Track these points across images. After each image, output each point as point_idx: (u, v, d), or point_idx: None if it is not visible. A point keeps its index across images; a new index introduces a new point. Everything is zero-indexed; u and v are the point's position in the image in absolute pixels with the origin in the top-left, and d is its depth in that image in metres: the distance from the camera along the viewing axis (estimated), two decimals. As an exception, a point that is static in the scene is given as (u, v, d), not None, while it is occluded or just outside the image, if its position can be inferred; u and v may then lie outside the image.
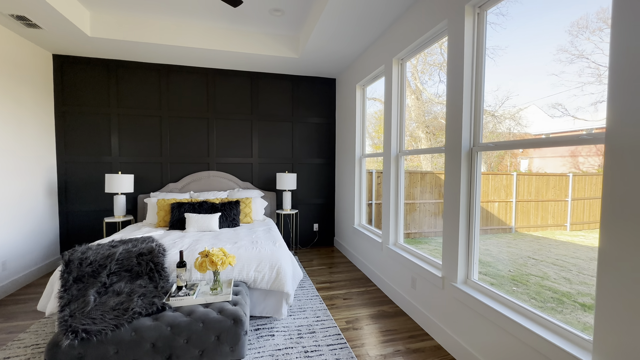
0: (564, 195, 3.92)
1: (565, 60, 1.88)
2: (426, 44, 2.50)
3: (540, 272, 3.80)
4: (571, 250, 3.89)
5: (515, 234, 4.85)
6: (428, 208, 5.89)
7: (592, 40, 1.70)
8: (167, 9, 3.07)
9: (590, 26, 1.69)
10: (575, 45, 1.80)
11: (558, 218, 4.14)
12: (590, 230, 3.79)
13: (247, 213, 3.66)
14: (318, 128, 4.60)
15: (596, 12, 1.65)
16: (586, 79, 1.79)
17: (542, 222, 4.44)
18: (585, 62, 1.77)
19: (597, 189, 3.67)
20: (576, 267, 3.66)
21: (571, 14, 1.78)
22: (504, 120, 3.38)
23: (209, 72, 4.12)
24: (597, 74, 1.74)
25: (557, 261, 3.85)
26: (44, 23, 2.88)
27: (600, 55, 1.68)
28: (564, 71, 1.91)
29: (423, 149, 2.98)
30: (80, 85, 3.75)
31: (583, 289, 3.29)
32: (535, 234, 4.62)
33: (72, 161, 3.77)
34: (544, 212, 4.41)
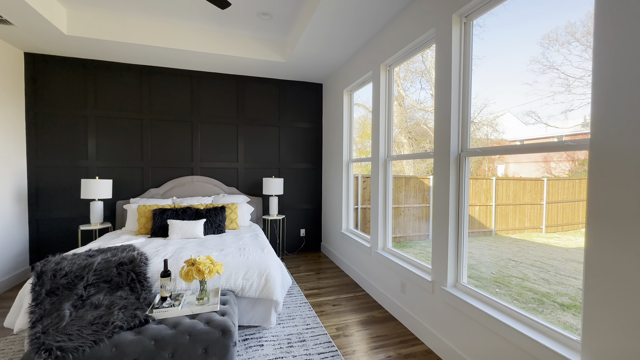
0: (540, 198, 4.10)
1: (537, 71, 1.97)
2: (414, 51, 2.55)
3: (521, 273, 3.92)
4: (548, 252, 4.05)
5: (495, 237, 5.01)
6: (412, 212, 5.99)
7: (562, 53, 1.79)
8: (151, 8, 2.98)
9: (560, 39, 1.78)
10: (547, 56, 1.89)
11: (534, 221, 4.32)
12: (564, 232, 3.97)
13: (233, 219, 3.57)
14: (305, 133, 4.58)
15: (564, 27, 1.74)
16: (557, 89, 1.89)
17: (520, 224, 4.62)
18: (555, 72, 1.87)
19: (569, 192, 3.87)
20: (553, 268, 3.81)
21: (542, 27, 1.88)
22: (482, 126, 3.51)
23: (193, 75, 4.02)
24: (567, 84, 1.84)
25: (536, 262, 3.99)
26: (16, 19, 2.71)
27: (569, 67, 1.77)
28: (537, 81, 2.01)
29: (412, 154, 3.02)
30: (54, 85, 3.56)
31: (561, 289, 3.42)
32: (514, 236, 4.79)
33: (45, 165, 3.55)
34: (522, 215, 4.59)
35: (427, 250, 5.47)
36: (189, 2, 2.85)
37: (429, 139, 5.86)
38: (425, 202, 6.05)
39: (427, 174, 6.25)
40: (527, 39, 2.05)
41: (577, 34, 1.72)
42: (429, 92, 4.84)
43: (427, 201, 6.05)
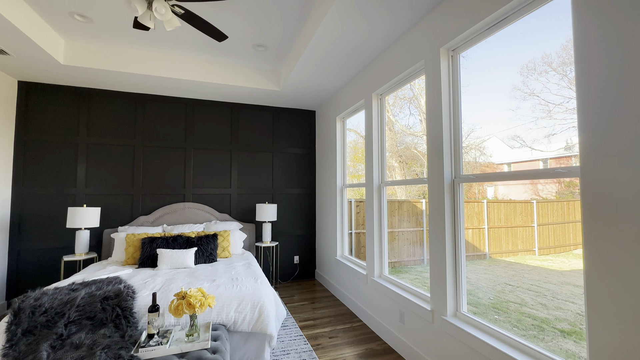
0: (530, 221, 4.14)
1: (519, 98, 2.07)
2: (405, 80, 2.65)
3: (518, 298, 3.87)
4: (543, 275, 4.03)
5: (490, 260, 4.98)
6: (406, 236, 5.95)
7: (540, 81, 1.89)
8: (148, 39, 3.06)
9: (538, 68, 1.89)
10: (527, 84, 2.00)
11: (527, 243, 4.33)
12: (557, 254, 3.98)
13: (225, 247, 3.48)
14: (298, 158, 4.61)
15: (541, 57, 1.85)
16: (538, 114, 1.97)
17: (513, 247, 4.62)
18: (536, 99, 1.96)
19: (558, 214, 3.92)
20: (550, 292, 3.77)
21: (521, 57, 1.99)
22: (470, 150, 3.62)
23: (188, 102, 4.07)
24: (548, 110, 1.92)
25: (532, 287, 3.95)
26: (14, 50, 2.74)
27: (549, 94, 1.87)
28: (519, 107, 2.10)
29: (407, 179, 3.05)
30: (47, 113, 3.54)
31: (559, 314, 3.37)
32: (508, 259, 4.77)
33: (30, 193, 3.44)
34: (514, 237, 4.60)
35: (423, 275, 5.38)
36: (186, 34, 2.95)
37: (419, 163, 5.97)
38: (419, 225, 6.04)
39: (419, 197, 6.30)
40: (508, 68, 2.17)
41: (553, 64, 1.83)
42: (418, 117, 5.00)
43: (421, 225, 6.04)
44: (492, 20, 1.76)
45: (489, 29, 1.83)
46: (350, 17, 2.25)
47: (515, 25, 1.74)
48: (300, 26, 2.79)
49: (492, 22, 1.77)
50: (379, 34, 2.50)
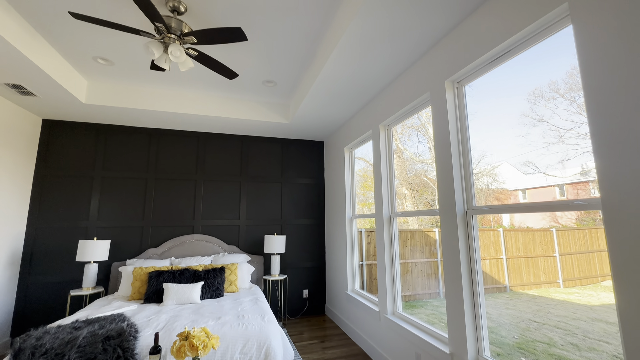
0: (551, 250, 3.92)
1: (528, 124, 2.04)
2: (411, 112, 2.67)
3: (545, 337, 3.56)
4: (570, 311, 3.73)
5: (511, 294, 4.68)
6: (420, 268, 5.71)
7: (549, 107, 1.87)
8: (163, 78, 3.23)
9: (545, 95, 1.88)
10: (535, 111, 1.98)
11: (549, 274, 4.07)
12: (583, 286, 3.71)
13: (232, 281, 3.39)
14: (307, 189, 4.60)
15: (547, 84, 1.85)
16: (550, 140, 1.93)
17: (535, 279, 4.34)
18: (546, 125, 1.93)
19: (581, 242, 3.71)
20: (580, 330, 3.47)
21: (527, 85, 1.99)
22: (482, 176, 3.54)
23: (200, 136, 4.20)
24: (559, 136, 1.88)
25: (560, 324, 3.65)
26: (40, 91, 2.93)
27: (558, 120, 1.84)
28: (529, 133, 2.06)
29: (417, 210, 2.97)
30: (66, 148, 3.70)
31: (594, 356, 3.07)
32: (531, 292, 4.47)
33: (44, 227, 3.50)
34: (535, 268, 4.34)
35: (439, 310, 5.08)
36: (199, 72, 3.10)
37: (430, 190, 5.87)
38: (432, 256, 5.81)
39: (431, 226, 6.12)
40: (515, 95, 2.17)
41: (560, 91, 1.82)
42: (426, 145, 4.99)
43: (435, 255, 5.81)
44: (495, 53, 1.78)
45: (492, 62, 1.85)
46: (354, 54, 2.33)
47: (519, 55, 1.76)
48: (308, 63, 2.91)
49: (495, 55, 1.80)
50: (383, 69, 2.57)
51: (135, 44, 2.58)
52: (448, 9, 1.87)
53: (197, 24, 2.29)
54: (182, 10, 2.10)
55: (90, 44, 2.59)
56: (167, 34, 1.99)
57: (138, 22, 2.29)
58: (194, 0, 2.06)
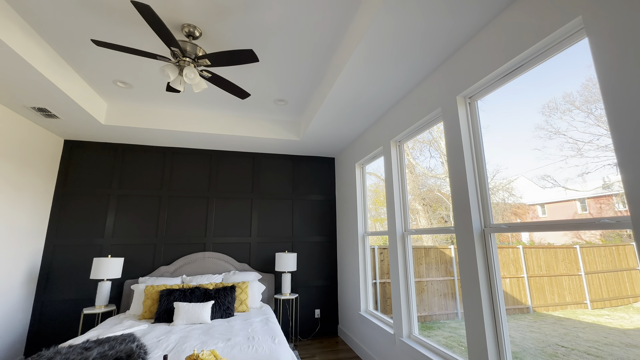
0: (576, 268, 3.70)
1: (544, 137, 1.98)
2: (422, 128, 2.65)
3: (576, 364, 3.31)
4: (601, 335, 3.47)
5: (534, 315, 4.41)
6: (436, 287, 5.49)
7: (565, 120, 1.82)
8: (178, 100, 3.34)
9: (560, 107, 1.83)
10: (550, 123, 1.92)
11: (575, 294, 3.82)
12: (613, 307, 3.46)
13: (242, 300, 3.34)
14: (318, 205, 4.58)
15: (562, 96, 1.80)
16: (567, 153, 1.86)
17: (560, 299, 4.09)
18: (562, 137, 1.86)
19: (608, 260, 3.49)
20: (613, 357, 3.22)
21: (541, 97, 1.95)
22: (497, 191, 3.43)
23: (213, 154, 4.28)
24: (577, 148, 1.81)
25: (590, 349, 3.40)
26: (63, 114, 3.07)
27: (575, 132, 1.78)
28: (546, 146, 2.00)
29: (432, 228, 2.89)
30: (85, 167, 3.82)
31: (631, 387, 2.82)
32: (556, 314, 4.20)
33: (61, 244, 3.58)
34: (559, 288, 4.10)
35: (458, 332, 4.84)
36: (212, 93, 3.19)
37: (444, 205, 5.72)
38: (449, 275, 5.59)
39: (447, 242, 5.93)
40: (528, 108, 2.12)
41: (576, 102, 1.77)
42: (439, 159, 4.92)
43: (451, 274, 5.59)
44: (507, 68, 1.76)
45: (505, 77, 1.83)
46: (363, 73, 2.35)
47: (532, 69, 1.73)
48: (318, 82, 2.96)
49: (507, 70, 1.78)
50: (393, 86, 2.58)
51: (152, 67, 2.69)
52: (457, 26, 1.87)
53: (211, 47, 2.38)
54: (197, 35, 2.18)
55: (110, 69, 2.71)
56: (182, 58, 2.07)
57: (155, 47, 2.39)
58: (209, 25, 2.15)
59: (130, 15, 2.06)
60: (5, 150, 2.94)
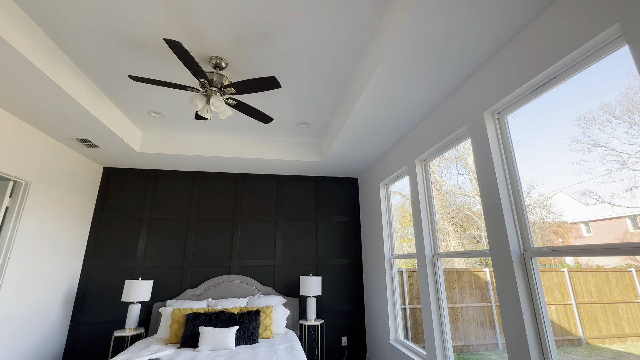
0: (633, 294, 3.28)
1: (582, 149, 1.84)
2: (448, 146, 2.56)
3: (645, 410, 2.87)
4: (674, 375, 3.00)
5: (588, 348, 3.92)
6: (472, 314, 5.09)
7: (604, 131, 1.69)
8: (206, 127, 3.50)
9: (598, 119, 1.71)
10: (588, 135, 1.79)
11: (636, 325, 3.37)
12: (686, 341, 2.99)
13: (267, 325, 3.27)
14: (342, 227, 4.50)
15: (599, 107, 1.68)
16: (611, 166, 1.71)
17: (618, 330, 3.61)
18: (604, 150, 1.72)
19: (672, 286, 3.07)
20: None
21: (575, 109, 1.83)
22: (534, 208, 3.19)
23: (238, 177, 4.39)
24: (621, 161, 1.67)
25: (661, 392, 2.94)
26: (103, 144, 3.30)
27: (618, 144, 1.64)
28: (585, 159, 1.85)
29: (463, 251, 2.73)
30: (121, 193, 4.05)
31: None
32: (614, 347, 3.71)
33: (96, 267, 3.75)
34: (616, 317, 3.63)
35: (499, 366, 4.40)
36: (237, 119, 3.32)
37: (475, 225, 5.41)
38: (485, 300, 5.18)
39: (480, 265, 5.54)
40: (562, 120, 2.00)
41: (615, 113, 1.64)
42: (467, 177, 4.71)
43: (487, 299, 5.18)
44: (539, 81, 1.68)
45: (536, 90, 1.74)
46: (386, 91, 2.35)
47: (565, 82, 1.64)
48: (339, 103, 2.99)
49: (539, 82, 1.69)
50: (415, 105, 2.55)
51: (182, 97, 2.86)
52: (483, 40, 1.83)
53: (236, 75, 2.49)
54: (223, 66, 2.30)
55: (145, 100, 2.91)
56: (210, 88, 2.17)
57: (184, 79, 2.55)
58: (234, 56, 2.26)
59: (163, 51, 2.22)
60: (52, 178, 3.18)
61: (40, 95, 2.35)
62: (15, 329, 2.82)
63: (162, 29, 2.01)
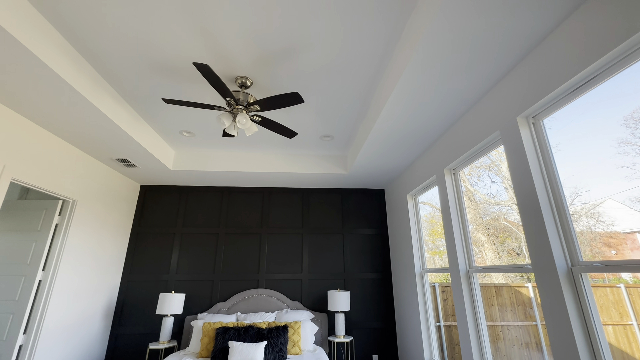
0: None
1: (632, 152, 1.68)
2: (479, 153, 2.45)
3: None
4: None
5: (656, 376, 3.43)
6: (514, 333, 4.68)
7: None
8: (233, 144, 3.62)
9: None
10: (638, 136, 1.62)
11: None
12: None
13: (295, 341, 3.22)
14: (369, 239, 4.39)
15: None
16: None
17: (692, 356, 3.14)
18: None
19: None
20: None
21: (621, 108, 1.67)
22: (579, 217, 2.92)
23: (264, 191, 4.47)
24: None
25: None
26: (140, 163, 3.52)
27: None
28: (636, 162, 1.68)
29: (501, 266, 2.55)
30: (156, 208, 4.26)
31: None
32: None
33: (134, 280, 3.93)
34: (687, 340, 3.17)
35: (550, 393, 3.97)
36: (262, 135, 3.41)
37: (513, 236, 5.04)
38: (529, 319, 4.76)
39: (522, 279, 5.13)
40: (606, 121, 1.83)
41: None
42: (501, 185, 4.44)
43: (532, 318, 4.75)
44: (577, 81, 1.56)
45: (574, 91, 1.62)
46: (409, 99, 2.30)
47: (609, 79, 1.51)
48: (363, 115, 2.98)
49: (577, 83, 1.58)
50: (441, 113, 2.47)
51: (210, 116, 2.99)
52: (513, 42, 1.75)
53: (261, 92, 2.57)
54: (249, 85, 2.39)
55: (177, 121, 3.08)
56: (236, 106, 2.26)
57: (212, 98, 2.67)
58: (258, 75, 2.34)
59: (192, 74, 2.35)
60: (95, 196, 3.43)
61: (86, 120, 2.57)
62: (64, 336, 3.00)
63: (192, 53, 2.13)
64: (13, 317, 2.70)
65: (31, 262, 2.86)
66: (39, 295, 2.82)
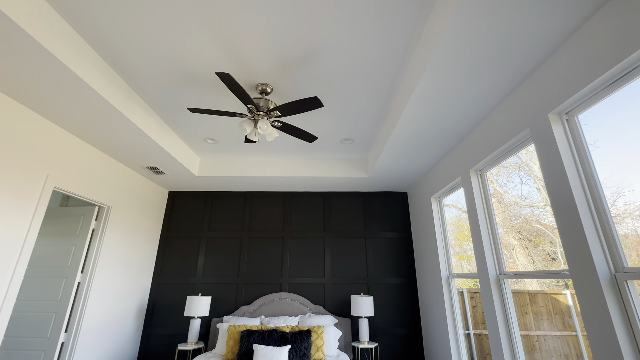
0: None
1: None
2: (507, 153, 2.34)
3: None
4: None
5: None
6: (552, 344, 4.38)
7: None
8: (255, 150, 3.70)
9: None
10: None
11: None
12: None
13: (318, 346, 3.20)
14: (393, 243, 4.31)
15: None
16: None
17: None
18: None
19: None
20: None
21: None
22: (623, 219, 2.69)
23: (286, 195, 4.52)
24: None
25: None
26: (168, 170, 3.68)
27: None
28: None
29: (535, 272, 2.41)
30: (183, 214, 4.43)
31: None
32: None
33: (163, 282, 4.09)
34: None
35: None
36: (283, 140, 3.45)
37: (548, 239, 4.73)
38: (567, 328, 4.43)
39: (559, 286, 4.80)
40: None
41: None
42: (533, 185, 4.19)
43: (571, 327, 4.42)
44: (616, 72, 1.45)
45: (613, 84, 1.51)
46: (431, 99, 2.25)
47: (654, 72, 1.39)
48: (383, 117, 2.94)
49: (616, 74, 1.47)
50: (465, 111, 2.39)
51: (233, 123, 3.08)
52: (541, 33, 1.66)
53: (281, 98, 2.61)
54: (269, 91, 2.43)
55: (201, 129, 3.20)
56: (257, 112, 2.30)
57: (234, 106, 2.75)
58: (278, 81, 2.38)
59: (214, 83, 2.43)
60: (127, 202, 3.61)
61: (119, 131, 2.72)
62: (100, 335, 3.17)
63: (214, 63, 2.20)
64: (55, 317, 2.89)
65: (71, 265, 3.06)
66: (78, 296, 3.01)
